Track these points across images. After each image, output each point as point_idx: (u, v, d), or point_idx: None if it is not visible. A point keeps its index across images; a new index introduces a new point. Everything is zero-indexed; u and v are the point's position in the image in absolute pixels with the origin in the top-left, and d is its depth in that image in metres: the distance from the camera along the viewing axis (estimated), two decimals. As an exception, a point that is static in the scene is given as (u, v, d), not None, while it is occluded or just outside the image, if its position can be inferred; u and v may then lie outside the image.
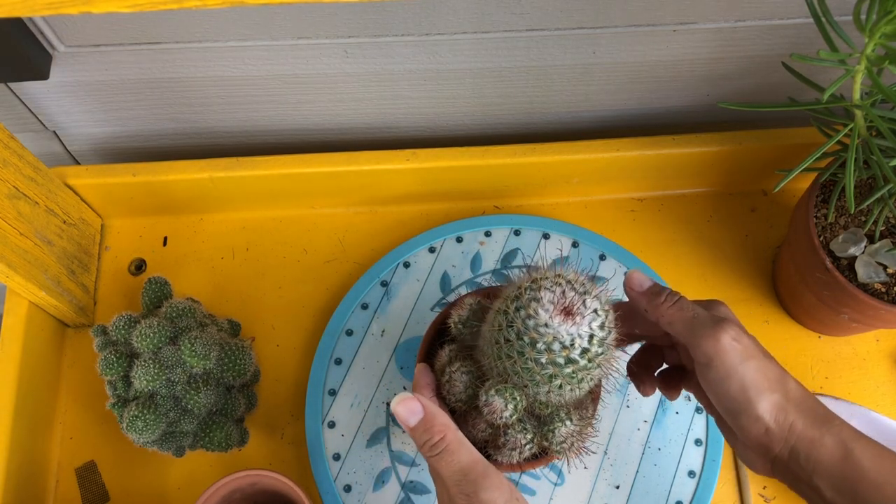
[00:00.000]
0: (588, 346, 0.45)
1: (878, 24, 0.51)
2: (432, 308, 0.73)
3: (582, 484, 0.67)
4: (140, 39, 0.65)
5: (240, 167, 0.74)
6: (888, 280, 0.62)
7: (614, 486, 0.67)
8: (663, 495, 0.66)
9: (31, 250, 0.64)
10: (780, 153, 0.76)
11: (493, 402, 0.47)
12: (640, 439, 0.68)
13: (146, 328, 0.62)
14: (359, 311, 0.72)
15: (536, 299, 0.45)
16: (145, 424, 0.61)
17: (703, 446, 0.68)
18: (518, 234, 0.76)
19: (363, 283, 0.73)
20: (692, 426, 0.68)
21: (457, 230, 0.76)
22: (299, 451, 0.69)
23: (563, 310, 0.45)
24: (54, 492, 0.68)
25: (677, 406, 0.69)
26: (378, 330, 0.72)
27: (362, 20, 0.64)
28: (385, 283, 0.73)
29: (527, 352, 0.45)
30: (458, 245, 0.75)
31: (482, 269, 0.74)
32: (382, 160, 0.74)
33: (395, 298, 0.73)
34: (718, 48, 0.70)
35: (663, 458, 0.67)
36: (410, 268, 0.74)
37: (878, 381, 0.72)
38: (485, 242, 0.75)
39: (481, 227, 0.76)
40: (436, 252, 0.75)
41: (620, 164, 0.75)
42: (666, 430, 0.68)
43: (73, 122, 0.76)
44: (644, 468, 0.67)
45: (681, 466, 0.67)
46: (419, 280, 0.74)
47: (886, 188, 0.59)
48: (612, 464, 0.67)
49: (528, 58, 0.70)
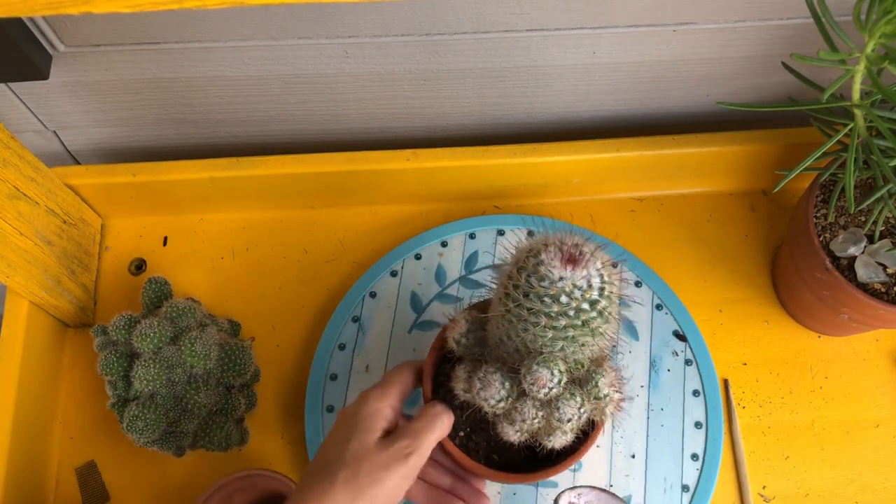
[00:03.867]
0: (602, 283, 0.47)
1: (877, 24, 0.51)
2: (409, 331, 0.72)
3: (599, 463, 0.68)
4: (140, 39, 0.65)
5: (240, 167, 0.74)
6: (888, 280, 0.63)
7: (630, 456, 0.68)
8: (677, 452, 0.68)
9: (31, 250, 0.64)
10: (779, 153, 0.76)
11: (538, 373, 0.48)
12: (641, 405, 0.70)
13: (146, 328, 0.62)
14: (337, 352, 0.71)
15: (541, 262, 0.46)
16: (145, 424, 0.61)
17: (702, 396, 0.70)
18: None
19: (335, 321, 0.72)
20: (686, 380, 0.70)
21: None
22: (299, 451, 0.69)
23: (569, 260, 0.46)
24: (54, 492, 0.68)
25: (667, 364, 0.71)
26: (361, 366, 0.71)
27: (362, 20, 0.64)
28: (356, 319, 0.72)
29: (553, 309, 0.46)
30: (419, 262, 0.75)
31: (448, 280, 0.74)
32: (382, 160, 0.74)
33: (369, 331, 0.72)
34: (718, 48, 0.70)
35: (667, 417, 0.69)
36: (377, 297, 0.73)
37: (878, 381, 0.72)
38: (443, 254, 0.75)
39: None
40: (398, 275, 0.74)
41: (620, 164, 0.76)
42: (663, 390, 0.70)
43: (73, 122, 0.76)
44: (653, 431, 0.69)
45: (686, 420, 0.69)
46: (389, 306, 0.73)
47: (886, 188, 0.59)
48: (622, 436, 0.69)
49: (528, 58, 0.70)
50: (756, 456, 0.69)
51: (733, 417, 0.70)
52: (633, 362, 0.71)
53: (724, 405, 0.70)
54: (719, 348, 0.73)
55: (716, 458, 0.67)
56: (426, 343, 0.68)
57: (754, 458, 0.69)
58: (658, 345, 0.71)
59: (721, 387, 0.71)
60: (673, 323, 0.72)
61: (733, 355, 0.73)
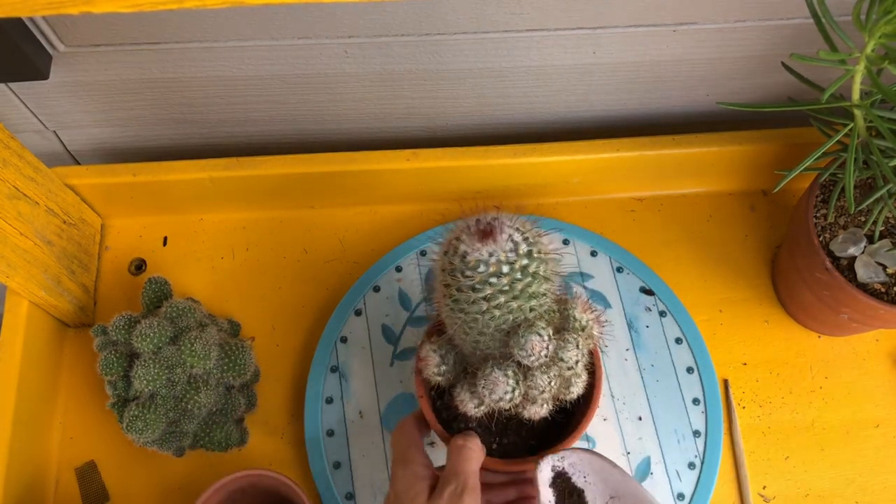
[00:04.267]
0: (524, 238, 0.46)
1: (877, 24, 0.51)
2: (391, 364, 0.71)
3: (610, 434, 0.69)
4: (140, 39, 0.65)
5: (240, 167, 0.74)
6: (888, 280, 0.63)
7: (636, 418, 0.69)
8: (679, 401, 0.70)
9: (31, 250, 0.64)
10: (779, 153, 0.76)
11: (528, 342, 0.48)
12: (632, 367, 0.71)
13: (146, 328, 0.62)
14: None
15: (458, 239, 0.46)
16: (145, 424, 0.61)
17: (685, 343, 0.72)
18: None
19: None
20: (666, 331, 0.72)
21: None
22: (299, 452, 0.69)
23: (481, 232, 0.45)
24: (54, 492, 0.68)
25: (645, 320, 0.73)
26: (355, 413, 0.69)
27: (362, 20, 0.64)
28: (335, 369, 0.70)
29: (494, 288, 0.46)
30: (377, 294, 0.73)
31: (413, 304, 0.73)
32: (382, 160, 0.74)
33: (351, 378, 0.70)
34: (718, 48, 0.70)
35: (660, 372, 0.71)
36: (347, 342, 0.72)
37: (878, 381, 0.72)
38: (401, 279, 0.74)
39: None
40: (362, 315, 0.73)
41: (620, 164, 0.76)
42: (648, 348, 0.72)
43: (73, 122, 0.76)
44: (650, 390, 0.70)
45: (678, 370, 0.71)
46: (364, 347, 0.71)
47: (886, 188, 0.59)
48: (624, 403, 0.70)
49: (528, 58, 0.70)
50: (756, 456, 0.69)
51: (733, 418, 0.70)
52: (612, 329, 0.72)
53: (724, 405, 0.70)
54: (719, 348, 0.73)
55: (717, 433, 0.68)
56: (411, 371, 0.68)
57: (754, 458, 0.69)
58: (629, 305, 0.73)
59: (721, 387, 0.71)
60: (637, 280, 0.74)
61: (733, 355, 0.73)
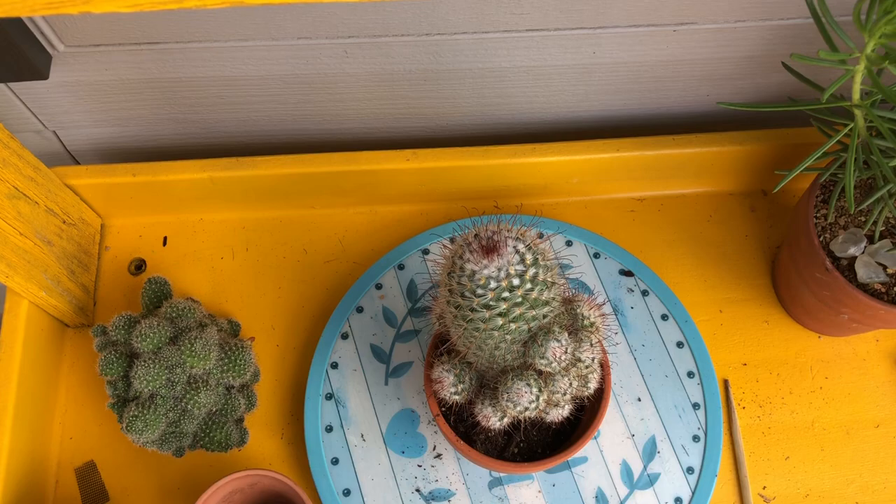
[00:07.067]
0: (530, 253, 0.45)
1: (878, 24, 0.51)
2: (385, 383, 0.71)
3: (614, 421, 0.69)
4: (140, 39, 0.65)
5: (240, 167, 0.74)
6: (888, 280, 0.63)
7: (636, 400, 0.69)
8: (674, 375, 0.70)
9: (31, 250, 0.64)
10: (780, 153, 0.76)
11: (550, 349, 0.48)
12: (623, 350, 0.71)
13: (146, 328, 0.62)
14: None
15: (462, 258, 0.45)
16: (145, 424, 0.61)
17: (671, 320, 0.72)
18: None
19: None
20: (651, 310, 0.73)
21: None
22: (299, 452, 0.69)
23: (484, 249, 0.44)
24: (54, 492, 0.68)
25: (630, 302, 0.73)
26: (357, 436, 0.68)
27: (362, 20, 0.64)
28: (330, 396, 0.69)
29: (491, 310, 0.45)
30: (360, 315, 0.72)
31: (398, 321, 0.72)
32: (382, 160, 0.74)
33: (348, 403, 0.69)
34: (718, 48, 0.70)
35: (650, 350, 0.71)
36: (337, 368, 0.70)
37: (878, 381, 0.72)
38: (384, 296, 0.73)
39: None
40: (349, 337, 0.72)
41: (620, 164, 0.76)
42: (636, 328, 0.72)
43: (73, 122, 0.76)
44: (644, 369, 0.71)
45: (668, 345, 0.71)
46: (356, 370, 0.70)
47: (886, 188, 0.59)
48: (621, 386, 0.70)
49: (528, 58, 0.70)
50: (756, 456, 0.69)
51: (733, 418, 0.70)
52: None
53: (724, 406, 0.70)
54: (719, 349, 0.73)
55: (716, 421, 0.67)
56: (407, 387, 0.69)
57: (754, 459, 0.69)
58: (611, 289, 0.73)
59: (721, 387, 0.71)
60: (615, 264, 0.74)
61: (733, 356, 0.73)
